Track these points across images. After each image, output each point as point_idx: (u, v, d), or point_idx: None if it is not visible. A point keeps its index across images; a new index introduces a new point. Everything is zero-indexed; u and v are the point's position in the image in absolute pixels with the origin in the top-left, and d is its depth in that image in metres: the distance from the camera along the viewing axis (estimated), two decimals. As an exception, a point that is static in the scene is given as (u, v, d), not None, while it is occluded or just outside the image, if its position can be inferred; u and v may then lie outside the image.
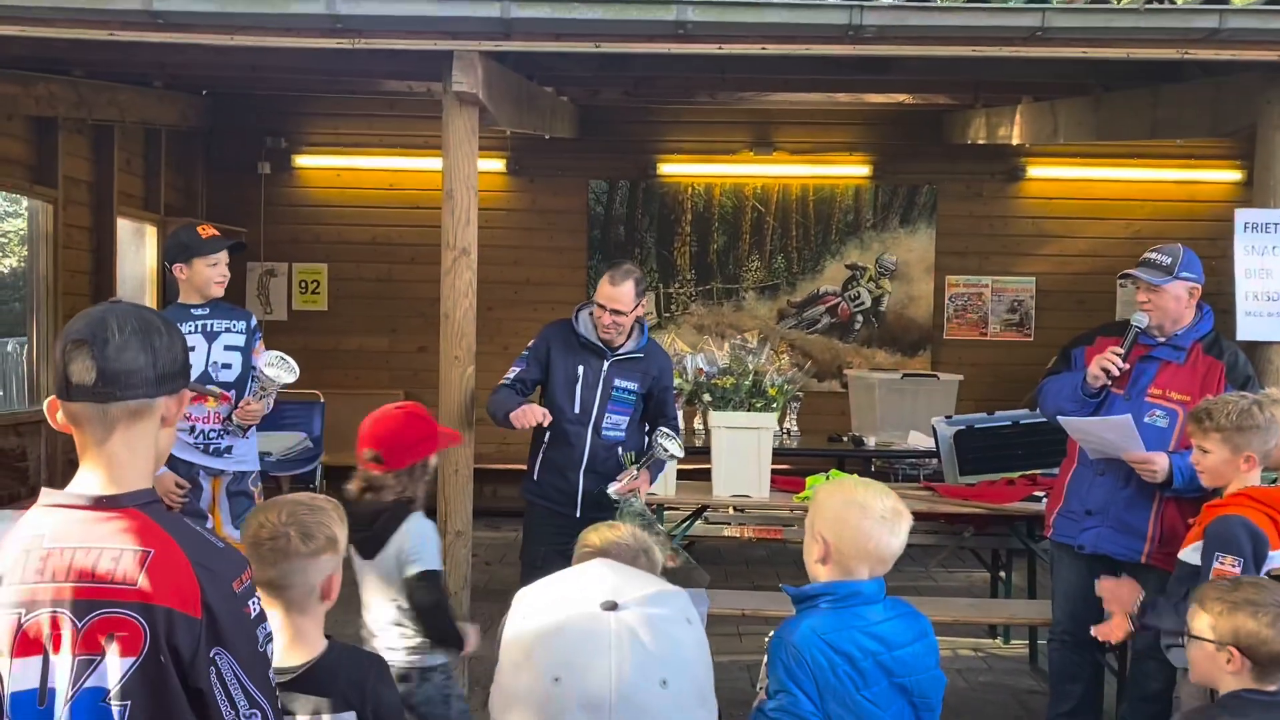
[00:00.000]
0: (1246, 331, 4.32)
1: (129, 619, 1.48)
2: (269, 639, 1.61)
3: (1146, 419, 3.70)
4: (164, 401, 1.61)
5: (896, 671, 2.20)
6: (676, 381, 5.00)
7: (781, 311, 8.46)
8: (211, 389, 3.92)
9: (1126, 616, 3.13)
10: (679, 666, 0.91)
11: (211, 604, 1.51)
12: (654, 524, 3.87)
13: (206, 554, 1.55)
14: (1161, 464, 3.58)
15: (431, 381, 4.52)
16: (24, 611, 1.51)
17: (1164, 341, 3.76)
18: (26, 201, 6.47)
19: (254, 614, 1.58)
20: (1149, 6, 4.01)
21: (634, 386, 4.13)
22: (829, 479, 4.79)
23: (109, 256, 6.95)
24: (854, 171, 8.40)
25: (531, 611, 0.95)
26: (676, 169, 8.41)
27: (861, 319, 8.46)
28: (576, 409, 4.04)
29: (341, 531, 2.10)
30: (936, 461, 5.88)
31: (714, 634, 4.77)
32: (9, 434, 6.28)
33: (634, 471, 3.98)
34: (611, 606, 0.92)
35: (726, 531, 5.88)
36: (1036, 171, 8.38)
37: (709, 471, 4.87)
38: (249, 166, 8.31)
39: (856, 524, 2.19)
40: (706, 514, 5.55)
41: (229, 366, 4.15)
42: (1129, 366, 3.73)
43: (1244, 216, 4.39)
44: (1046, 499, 4.36)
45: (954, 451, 5.47)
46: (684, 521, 5.30)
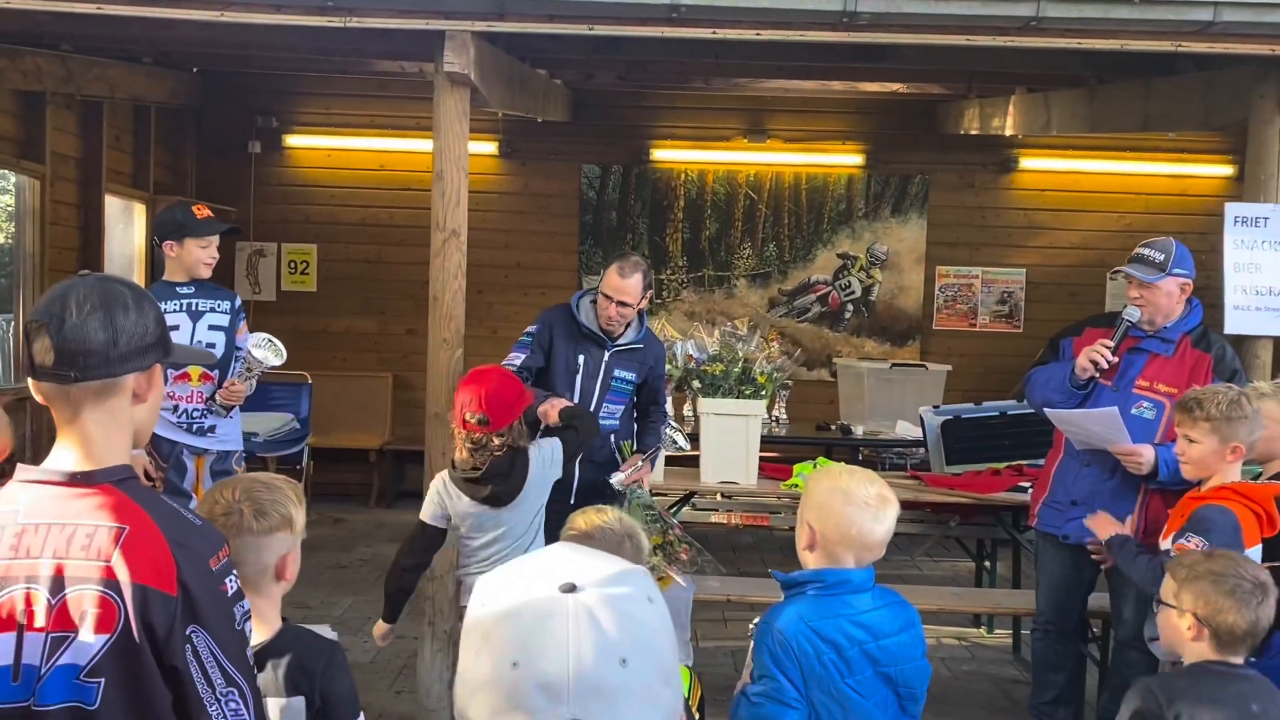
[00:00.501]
0: (1234, 325, 4.34)
1: (103, 595, 1.47)
2: (247, 617, 1.60)
3: (1133, 410, 3.72)
4: (133, 378, 1.59)
5: (882, 660, 2.20)
6: (666, 368, 5.01)
7: (772, 299, 8.46)
8: (199, 349, 3.80)
9: (1104, 544, 3.44)
10: (639, 646, 0.90)
11: (187, 581, 1.49)
12: (660, 517, 3.86)
13: (183, 530, 1.54)
14: (1147, 456, 3.60)
15: (420, 364, 4.51)
16: None
17: (1153, 334, 3.77)
18: (14, 177, 6.42)
19: (231, 591, 1.57)
20: (1144, -2, 4.00)
21: (632, 376, 4.14)
22: (816, 467, 4.80)
23: (97, 233, 6.90)
24: (847, 160, 8.39)
25: (490, 597, 0.94)
26: (670, 155, 8.38)
27: (851, 308, 8.46)
28: (576, 398, 4.03)
29: (298, 513, 2.07)
30: (923, 451, 5.90)
31: (699, 620, 4.78)
32: (-6, 411, 6.24)
33: (638, 462, 3.97)
34: (570, 588, 0.91)
35: (714, 518, 5.89)
36: (1029, 163, 8.38)
37: (697, 458, 4.88)
38: (239, 145, 8.25)
39: (840, 510, 2.20)
40: (694, 500, 5.56)
41: (213, 346, 4.14)
42: (1117, 360, 3.74)
43: (1234, 210, 4.40)
44: (1032, 489, 4.38)
45: (941, 441, 5.49)
46: (672, 507, 5.30)
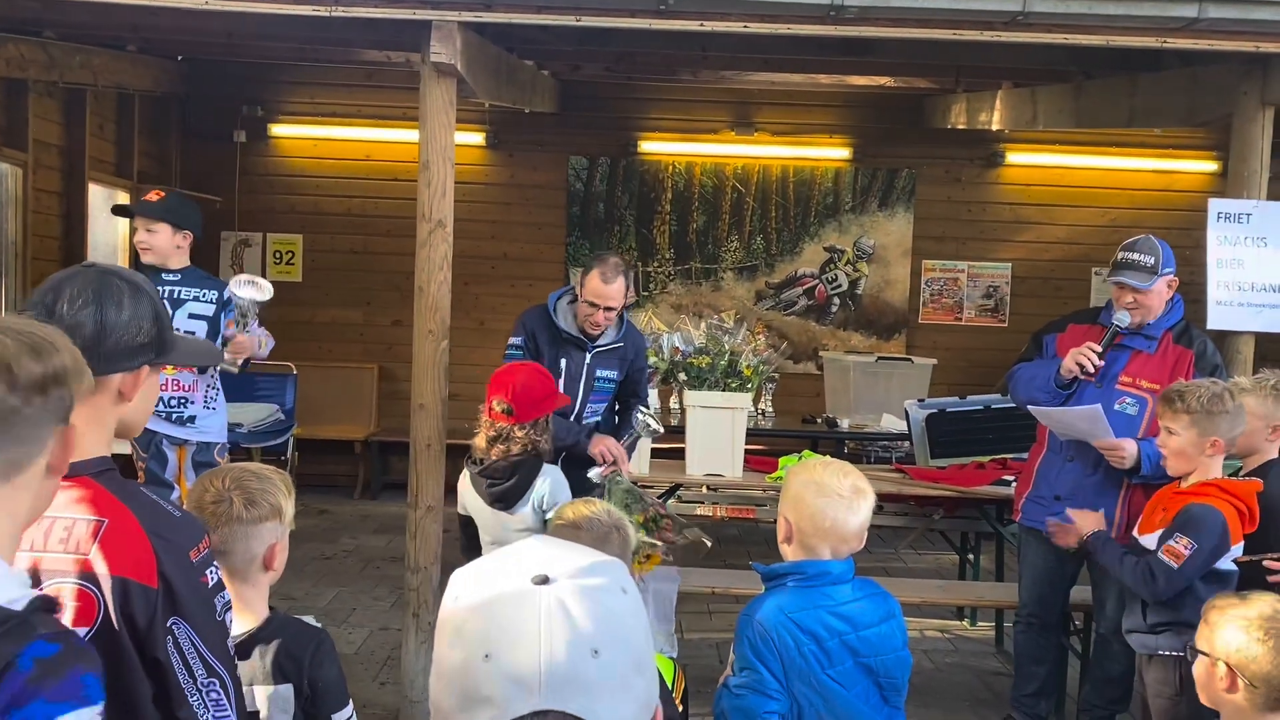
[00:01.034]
0: (1217, 321, 4.37)
1: (81, 589, 1.47)
2: (227, 607, 1.61)
3: (1116, 406, 3.74)
4: (118, 378, 1.58)
5: (862, 651, 2.21)
6: (652, 360, 5.01)
7: (759, 292, 8.46)
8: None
9: (1079, 538, 3.45)
10: (612, 636, 0.90)
11: (167, 573, 1.50)
12: (642, 497, 3.86)
13: (162, 523, 1.54)
14: (1130, 450, 3.62)
15: (405, 355, 4.50)
16: None
17: (1136, 331, 3.79)
18: (-5, 165, 6.37)
19: (212, 583, 1.57)
20: (1130, -6, 4.01)
21: (614, 375, 4.13)
22: (801, 460, 4.81)
23: (80, 222, 6.85)
24: (834, 154, 8.39)
25: (464, 590, 0.94)
26: (657, 147, 8.37)
27: (838, 301, 8.48)
28: None
29: (288, 503, 2.08)
30: (908, 444, 5.92)
31: (684, 612, 4.79)
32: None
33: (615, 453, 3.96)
34: (543, 580, 0.91)
35: (699, 510, 5.89)
36: (1015, 158, 8.40)
37: (683, 450, 4.88)
38: (224, 135, 8.20)
39: (812, 502, 2.21)
40: (680, 492, 5.57)
41: (191, 334, 4.11)
42: (1101, 361, 3.77)
43: (1217, 207, 4.42)
44: (1016, 483, 4.40)
45: (925, 435, 5.51)
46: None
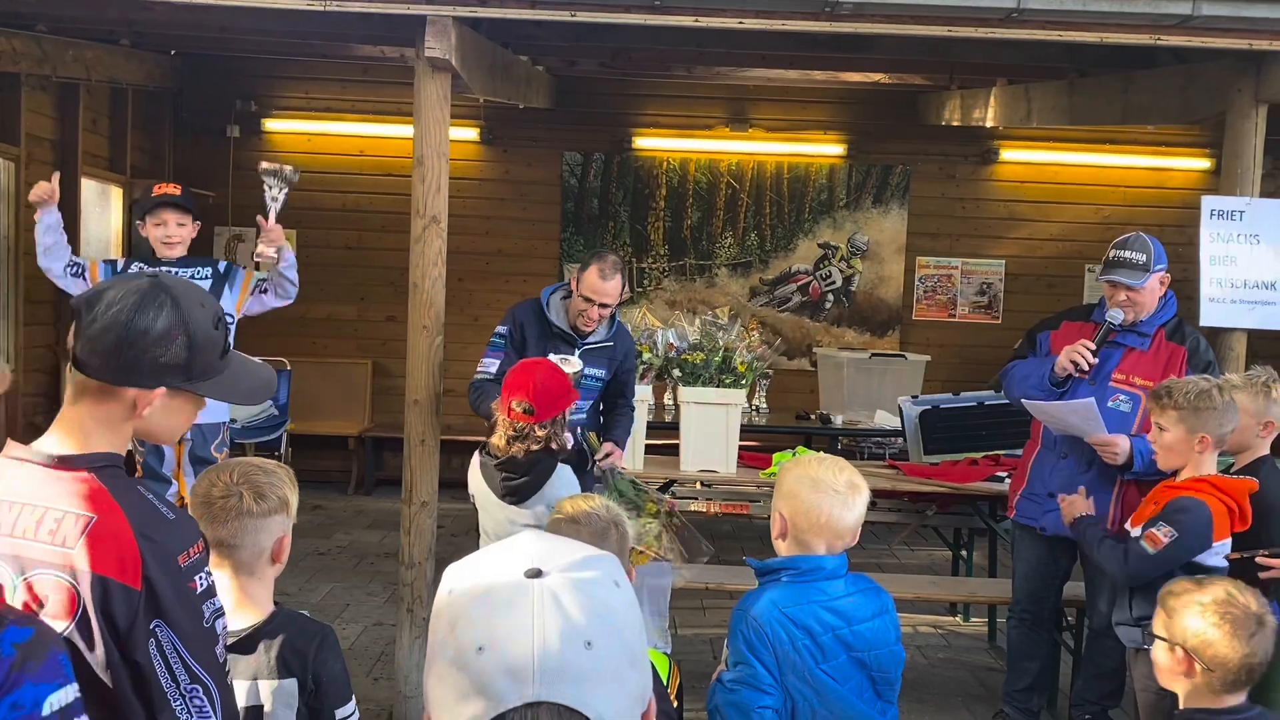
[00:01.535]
0: (1210, 318, 4.38)
1: (62, 582, 1.47)
2: (218, 614, 1.59)
3: (1110, 403, 3.75)
4: (134, 393, 1.57)
5: (856, 646, 2.22)
6: (646, 356, 5.01)
7: (753, 289, 8.47)
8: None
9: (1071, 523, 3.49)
10: (605, 628, 0.91)
11: (152, 576, 1.48)
12: (645, 490, 3.85)
13: (153, 524, 1.53)
14: (1123, 446, 3.63)
15: (399, 351, 4.49)
16: None
17: (1129, 328, 3.80)
18: (-12, 159, 6.34)
19: (200, 588, 1.55)
20: (1124, -9, 4.02)
21: (601, 373, 4.12)
22: (795, 456, 4.81)
23: (73, 216, 6.81)
24: (828, 150, 8.40)
25: (458, 584, 0.95)
26: (652, 143, 8.37)
27: (832, 298, 8.49)
28: None
29: (293, 494, 2.08)
30: (902, 440, 5.93)
31: (678, 608, 4.80)
32: (-32, 395, 6.19)
33: (608, 447, 3.96)
34: (536, 573, 0.92)
35: (693, 506, 5.89)
36: (1009, 155, 8.42)
37: (677, 446, 4.89)
38: (218, 129, 8.18)
39: (808, 498, 2.22)
40: (674, 488, 5.57)
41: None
42: (1095, 358, 3.78)
43: (1210, 204, 4.43)
44: (1009, 480, 4.41)
45: (919, 431, 5.52)
46: (651, 496, 5.31)
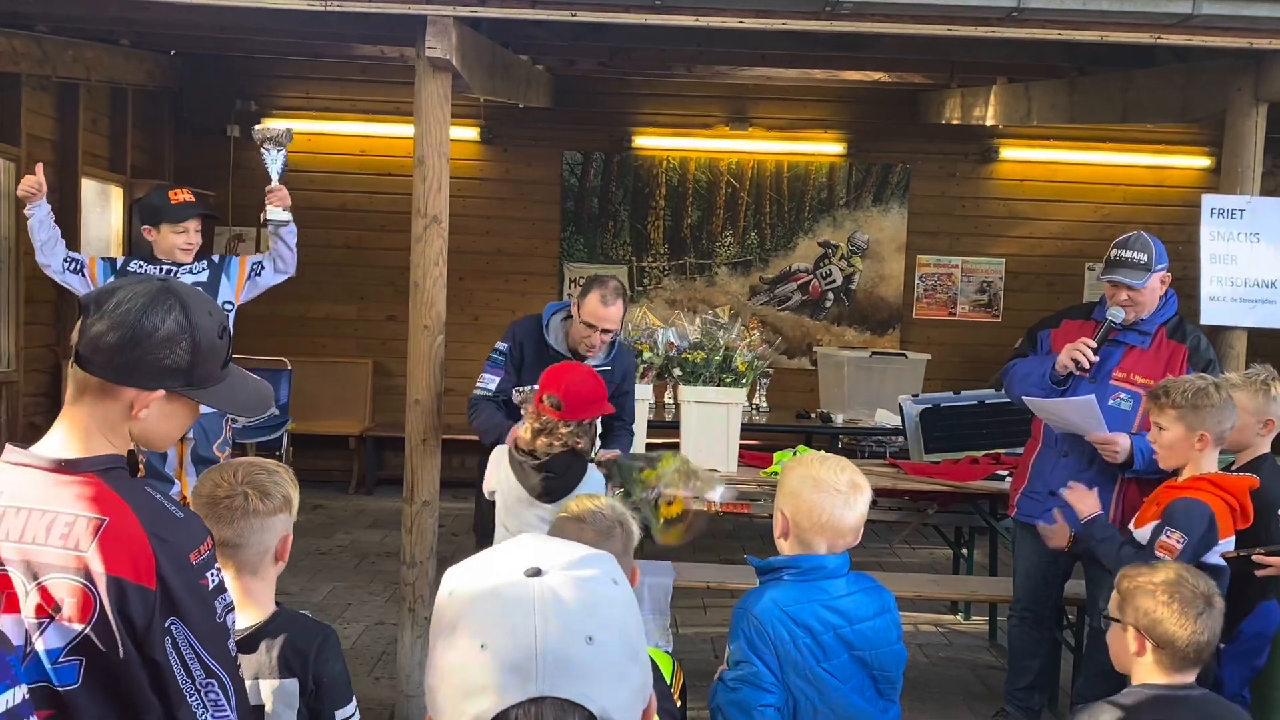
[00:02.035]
0: (1210, 316, 4.38)
1: (77, 585, 1.47)
2: (229, 609, 1.60)
3: (1110, 401, 3.75)
4: (132, 393, 1.57)
5: (857, 645, 2.22)
6: (647, 356, 5.01)
7: (753, 287, 8.47)
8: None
9: (1070, 528, 3.44)
10: (605, 624, 0.92)
11: (166, 575, 1.49)
12: (655, 460, 3.82)
13: (163, 524, 1.54)
14: (1123, 444, 3.63)
15: (400, 351, 4.49)
16: None
17: (1130, 326, 3.81)
18: (-12, 159, 6.34)
19: (212, 585, 1.57)
20: (1124, -10, 4.02)
21: None
22: (796, 455, 4.82)
23: (73, 217, 6.82)
24: (828, 149, 8.40)
25: (459, 584, 0.97)
26: (652, 142, 8.37)
27: (832, 297, 8.49)
28: None
29: (295, 493, 2.09)
30: (902, 439, 5.93)
31: (679, 607, 4.79)
32: (-32, 396, 6.19)
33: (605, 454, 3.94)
34: (535, 572, 0.93)
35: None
36: (1009, 153, 8.42)
37: (678, 445, 4.88)
38: (218, 129, 8.18)
39: (809, 497, 2.22)
40: (674, 487, 5.57)
41: None
42: (1096, 356, 3.78)
43: (1210, 202, 4.43)
44: (1010, 478, 4.41)
45: (920, 429, 5.52)
46: (651, 495, 5.31)
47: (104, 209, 7.57)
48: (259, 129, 4.30)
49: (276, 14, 4.22)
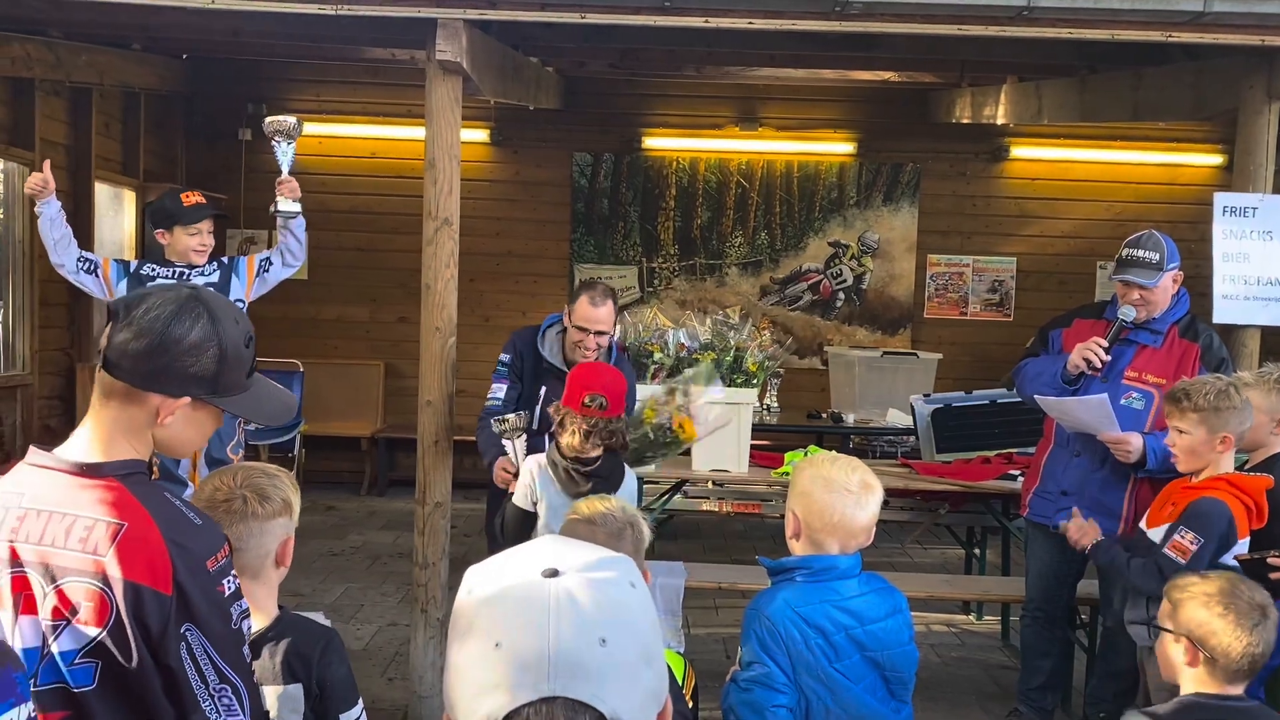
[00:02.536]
0: (1223, 314, 4.36)
1: (94, 589, 1.48)
2: (245, 615, 1.60)
3: (1122, 401, 3.74)
4: (157, 399, 1.58)
5: (869, 645, 2.22)
6: (657, 356, 5.02)
7: (764, 288, 8.46)
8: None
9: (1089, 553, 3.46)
10: (619, 626, 0.93)
11: (183, 581, 1.50)
12: (645, 402, 3.83)
13: (182, 530, 1.54)
14: (1136, 444, 3.62)
15: (412, 352, 4.51)
16: None
17: (1142, 325, 3.79)
18: (2, 164, 6.38)
19: (228, 591, 1.57)
20: (1135, -12, 4.01)
21: None
22: (807, 455, 4.82)
23: (86, 220, 6.87)
24: (839, 149, 8.39)
25: (477, 585, 0.98)
26: (661, 143, 8.37)
27: (843, 296, 8.48)
28: (535, 426, 3.93)
29: (295, 497, 2.08)
30: (914, 439, 5.92)
31: (690, 607, 4.80)
32: (-16, 399, 6.23)
33: None
34: (552, 574, 0.94)
35: (705, 506, 5.90)
36: (1020, 152, 8.40)
37: (689, 446, 4.89)
38: (229, 132, 8.22)
39: (820, 498, 2.22)
40: (685, 488, 5.58)
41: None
42: (1108, 356, 3.77)
43: (1223, 200, 4.41)
44: (1022, 478, 4.40)
45: (931, 429, 5.51)
46: (663, 495, 5.32)
47: (117, 213, 7.62)
48: (269, 121, 4.36)
49: (288, 18, 4.24)
